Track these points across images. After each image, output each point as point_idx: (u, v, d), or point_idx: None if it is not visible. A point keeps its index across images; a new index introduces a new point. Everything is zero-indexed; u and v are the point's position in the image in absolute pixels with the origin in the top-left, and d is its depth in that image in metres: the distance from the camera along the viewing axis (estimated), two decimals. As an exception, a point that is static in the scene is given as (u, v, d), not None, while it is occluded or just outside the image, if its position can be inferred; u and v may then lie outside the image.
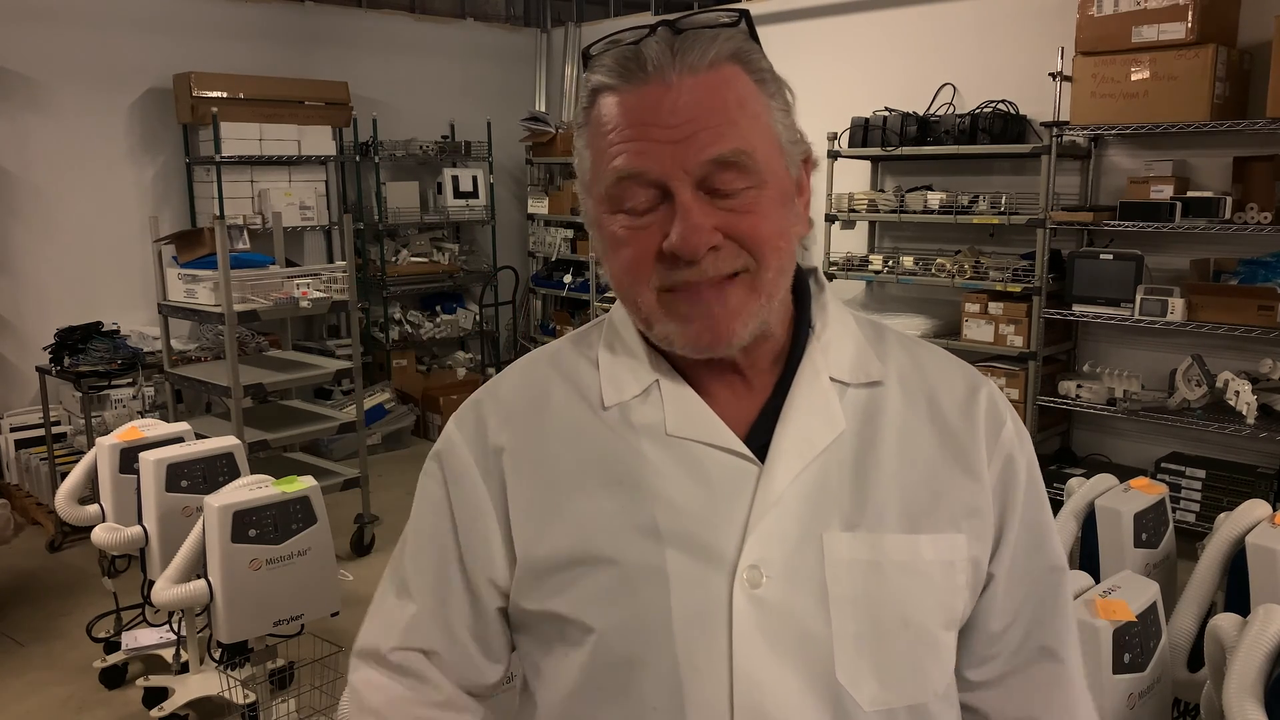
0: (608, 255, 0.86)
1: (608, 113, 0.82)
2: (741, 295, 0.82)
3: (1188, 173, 4.33)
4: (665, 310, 0.83)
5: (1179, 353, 4.29)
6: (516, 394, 0.94)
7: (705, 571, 0.82)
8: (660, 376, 0.88)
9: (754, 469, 0.84)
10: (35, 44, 5.04)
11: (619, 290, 0.86)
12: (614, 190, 0.82)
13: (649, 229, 0.82)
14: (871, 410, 0.88)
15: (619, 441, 0.87)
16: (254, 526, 2.51)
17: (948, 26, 5.06)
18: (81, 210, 5.27)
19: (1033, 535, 0.92)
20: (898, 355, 0.92)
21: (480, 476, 0.91)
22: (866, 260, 5.14)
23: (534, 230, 6.99)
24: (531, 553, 0.87)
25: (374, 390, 5.99)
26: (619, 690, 0.84)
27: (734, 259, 0.81)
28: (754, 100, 0.82)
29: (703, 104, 0.79)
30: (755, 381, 0.89)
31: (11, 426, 5.05)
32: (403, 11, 6.47)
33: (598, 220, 0.86)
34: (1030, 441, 0.94)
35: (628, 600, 0.83)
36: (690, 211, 0.79)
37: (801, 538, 0.83)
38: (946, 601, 0.86)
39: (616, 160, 0.81)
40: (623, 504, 0.85)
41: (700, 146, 0.79)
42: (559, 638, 0.87)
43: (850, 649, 0.82)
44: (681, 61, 0.80)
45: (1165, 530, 2.30)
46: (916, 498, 0.86)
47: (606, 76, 0.83)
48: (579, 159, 0.88)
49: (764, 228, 0.82)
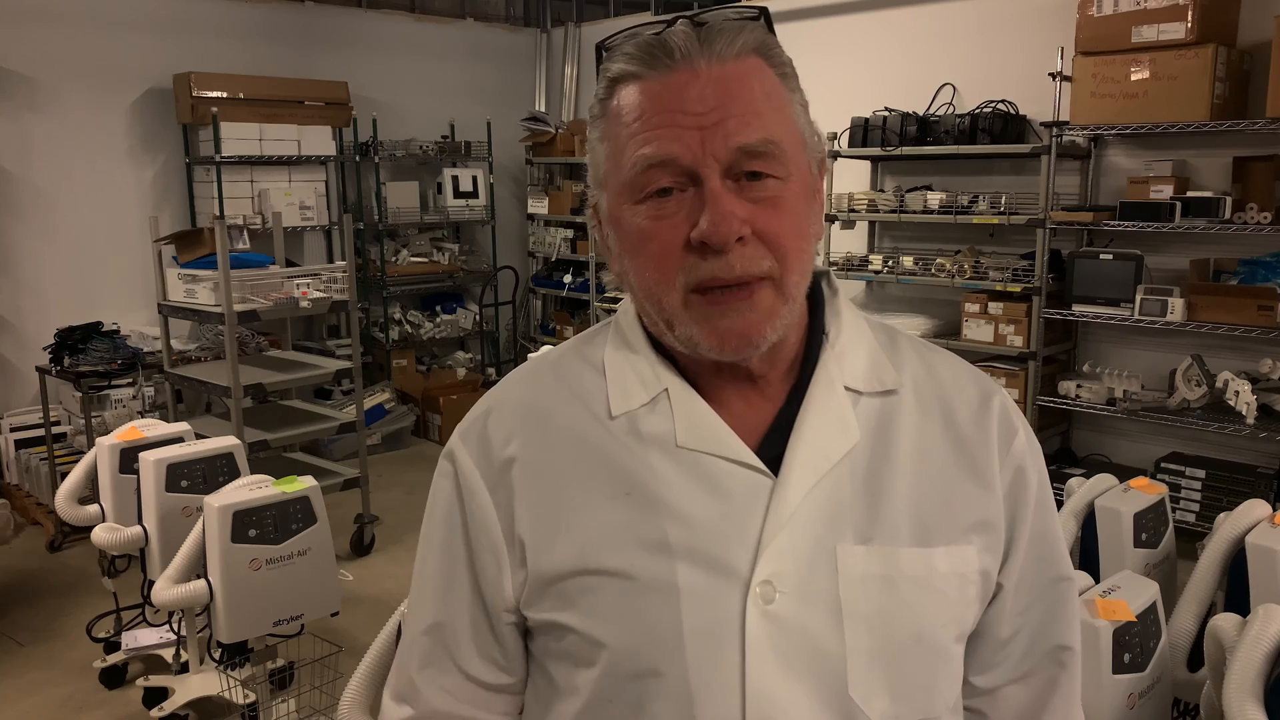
0: (630, 251, 0.83)
1: (630, 101, 0.81)
2: (769, 298, 0.81)
3: (1188, 173, 4.33)
4: (690, 312, 0.81)
5: (1179, 353, 4.29)
6: (522, 405, 0.91)
7: (717, 586, 0.80)
8: (669, 385, 0.86)
9: (767, 482, 0.82)
10: (35, 44, 5.04)
11: (643, 289, 0.83)
12: (640, 179, 0.80)
13: (675, 218, 0.80)
14: (885, 420, 0.86)
15: (627, 453, 0.85)
16: (254, 526, 2.51)
17: (948, 26, 5.06)
18: (81, 210, 5.27)
19: (1042, 546, 0.91)
20: (912, 362, 0.91)
21: (488, 491, 0.88)
22: (866, 260, 5.14)
23: (534, 230, 6.99)
24: (540, 564, 0.85)
25: (374, 390, 5.99)
26: (630, 705, 0.82)
27: (760, 259, 0.80)
28: (778, 93, 0.82)
29: (731, 92, 0.78)
30: (768, 390, 0.87)
31: (11, 426, 5.05)
32: (403, 11, 6.48)
33: (616, 214, 0.84)
34: (1041, 452, 0.93)
35: (638, 615, 0.81)
36: (720, 198, 0.78)
37: (815, 552, 0.81)
38: (958, 614, 0.85)
39: (645, 148, 0.79)
40: (632, 517, 0.83)
41: (729, 133, 0.78)
42: (569, 652, 0.85)
43: (863, 665, 0.80)
44: (709, 50, 0.79)
45: (1165, 530, 2.30)
46: (930, 510, 0.84)
47: (629, 64, 0.81)
48: (592, 153, 0.86)
49: (788, 226, 0.81)
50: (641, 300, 0.85)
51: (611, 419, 0.86)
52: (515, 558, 0.87)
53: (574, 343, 0.95)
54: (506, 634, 0.90)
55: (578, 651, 0.84)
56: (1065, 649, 0.93)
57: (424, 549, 0.95)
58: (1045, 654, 0.92)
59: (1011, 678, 0.92)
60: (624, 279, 0.86)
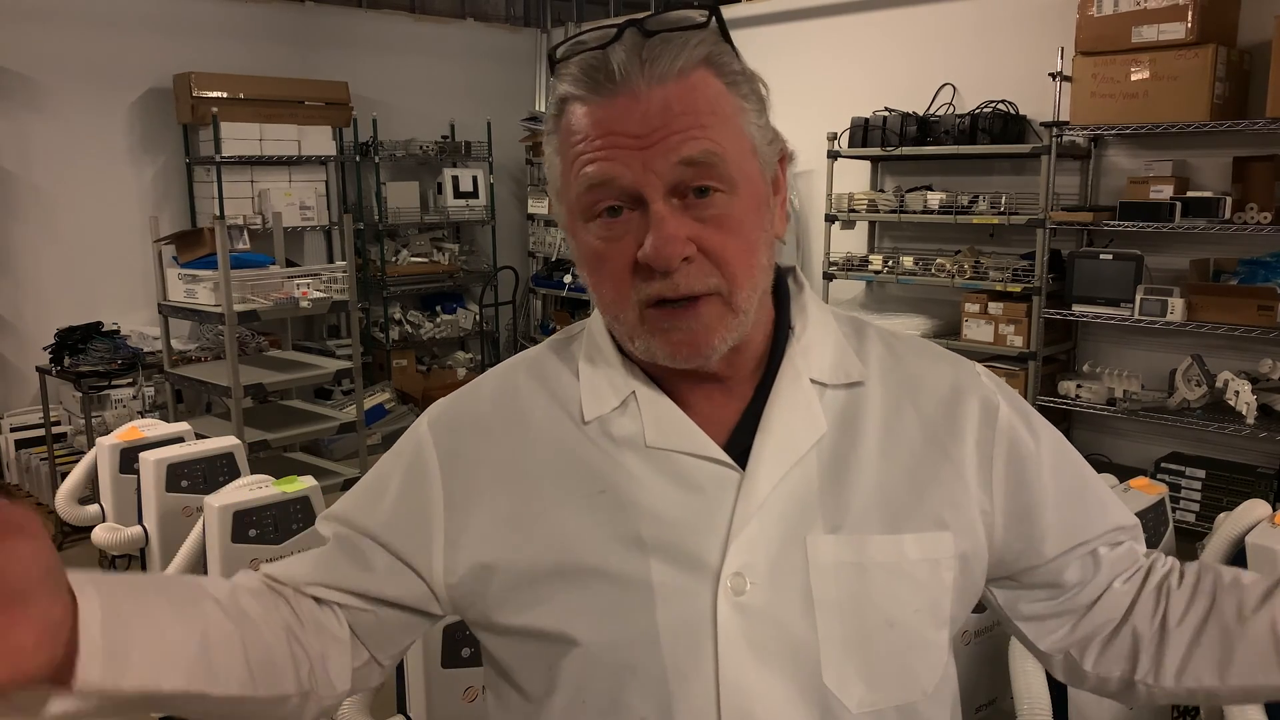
0: (587, 268, 0.86)
1: (576, 121, 0.82)
2: (716, 312, 0.82)
3: (1188, 173, 4.33)
4: (646, 325, 0.83)
5: (1179, 353, 4.29)
6: (497, 404, 0.93)
7: (689, 581, 0.82)
8: (637, 388, 0.88)
9: (735, 476, 0.84)
10: (35, 44, 5.04)
11: (602, 303, 0.86)
12: (584, 198, 0.82)
13: (623, 240, 0.81)
14: (852, 411, 0.88)
15: (600, 455, 0.86)
16: (254, 526, 2.51)
17: (948, 26, 5.06)
18: (81, 210, 5.27)
19: (1076, 498, 0.93)
20: (879, 353, 0.92)
21: (440, 475, 0.90)
22: (866, 260, 5.14)
23: (534, 230, 6.99)
24: (512, 563, 0.86)
25: (374, 390, 5.99)
26: (607, 701, 0.83)
27: (706, 277, 0.81)
28: (725, 103, 0.82)
29: (672, 109, 0.79)
30: (735, 389, 0.88)
31: (11, 426, 5.05)
32: (403, 11, 6.47)
33: (572, 230, 0.86)
34: (1036, 414, 0.94)
35: (613, 612, 0.83)
36: (664, 221, 0.79)
37: (785, 542, 0.82)
38: (932, 599, 0.85)
39: (587, 169, 0.80)
40: (606, 516, 0.84)
41: (669, 149, 0.78)
42: (542, 653, 0.86)
43: (837, 653, 0.82)
44: (650, 71, 0.79)
45: (1165, 530, 2.30)
46: (899, 497, 0.85)
47: (574, 87, 0.82)
48: (549, 165, 0.87)
49: (734, 244, 0.81)
50: (603, 313, 0.88)
51: (585, 423, 0.88)
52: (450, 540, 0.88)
53: (550, 345, 0.96)
54: (379, 563, 0.91)
55: (552, 650, 0.85)
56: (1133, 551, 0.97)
57: (372, 471, 0.97)
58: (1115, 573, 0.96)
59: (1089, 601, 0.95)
60: (589, 290, 0.88)
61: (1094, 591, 0.94)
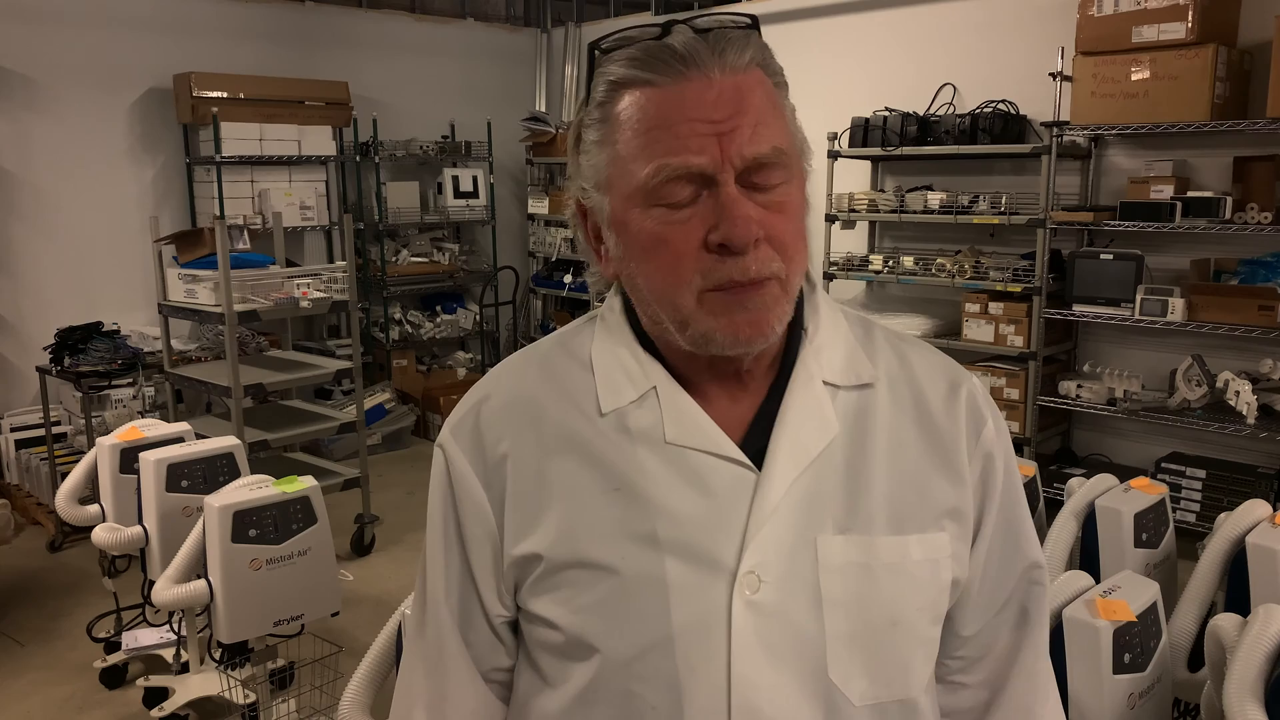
0: (638, 255, 0.84)
1: (640, 107, 0.82)
2: (775, 294, 0.83)
3: (1188, 173, 4.33)
4: (705, 309, 0.83)
5: (1179, 353, 4.29)
6: (513, 401, 0.92)
7: (704, 579, 0.83)
8: (658, 381, 0.88)
9: (752, 476, 0.85)
10: (35, 44, 5.04)
11: (653, 291, 0.85)
12: (663, 188, 0.81)
13: (690, 223, 0.81)
14: (862, 413, 0.89)
15: (616, 449, 0.87)
16: (254, 526, 2.51)
17: (948, 26, 5.06)
18: (81, 210, 5.27)
19: (1010, 531, 0.95)
20: (886, 355, 0.94)
21: (482, 487, 0.90)
22: (867, 260, 5.14)
23: (534, 230, 6.99)
24: (529, 554, 0.87)
25: (374, 390, 5.99)
26: (619, 696, 0.85)
27: (770, 261, 0.82)
28: (778, 103, 0.84)
29: (744, 101, 0.80)
30: (751, 385, 0.89)
31: (11, 426, 5.05)
32: (403, 11, 6.48)
33: (623, 219, 0.84)
34: (1009, 437, 0.96)
35: (627, 609, 0.84)
36: (739, 203, 0.80)
37: (796, 543, 0.84)
38: (932, 598, 0.88)
39: (671, 158, 0.80)
40: (622, 512, 0.85)
41: (744, 142, 0.80)
42: (556, 646, 0.87)
43: (842, 649, 0.84)
44: (722, 59, 0.81)
45: (1165, 530, 2.30)
46: (904, 499, 0.88)
47: (636, 69, 0.82)
48: (589, 155, 0.86)
49: (793, 230, 0.84)
50: (650, 302, 0.86)
51: (601, 416, 0.88)
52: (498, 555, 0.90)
53: (557, 339, 0.96)
54: (496, 619, 0.93)
55: (566, 645, 0.86)
56: (1031, 635, 0.97)
57: (428, 540, 0.98)
58: (1009, 644, 0.97)
59: (978, 681, 0.97)
60: (629, 282, 0.87)
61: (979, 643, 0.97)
